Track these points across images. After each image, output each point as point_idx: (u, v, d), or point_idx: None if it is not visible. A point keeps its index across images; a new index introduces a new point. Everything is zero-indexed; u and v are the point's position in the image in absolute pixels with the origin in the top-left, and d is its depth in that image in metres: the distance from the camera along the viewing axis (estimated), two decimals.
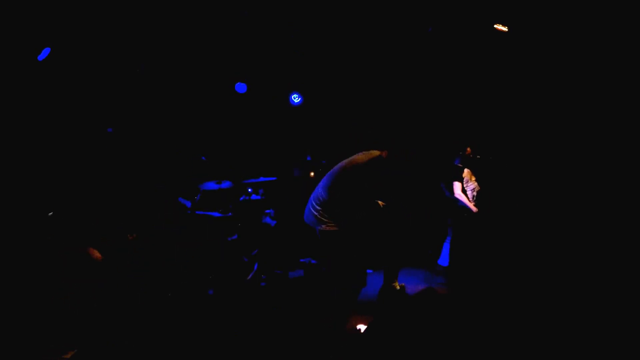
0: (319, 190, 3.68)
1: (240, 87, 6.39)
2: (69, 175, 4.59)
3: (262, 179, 5.29)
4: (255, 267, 5.03)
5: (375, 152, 3.67)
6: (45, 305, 3.19)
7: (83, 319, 3.27)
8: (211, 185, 4.95)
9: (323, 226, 3.51)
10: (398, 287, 4.45)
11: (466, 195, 5.24)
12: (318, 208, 3.58)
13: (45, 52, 4.51)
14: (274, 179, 5.33)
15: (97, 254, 3.12)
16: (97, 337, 3.25)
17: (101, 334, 3.28)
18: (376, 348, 3.33)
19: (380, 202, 4.02)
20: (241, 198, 5.31)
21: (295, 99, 6.72)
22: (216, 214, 4.84)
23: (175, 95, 5.92)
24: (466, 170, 5.35)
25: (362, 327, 3.66)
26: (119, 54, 5.23)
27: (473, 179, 5.37)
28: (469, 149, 5.39)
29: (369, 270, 5.52)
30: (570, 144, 5.96)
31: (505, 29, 5.38)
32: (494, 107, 6.51)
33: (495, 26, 5.39)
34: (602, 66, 5.55)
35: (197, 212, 4.78)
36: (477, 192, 5.33)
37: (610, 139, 5.64)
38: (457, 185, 5.22)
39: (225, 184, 5.01)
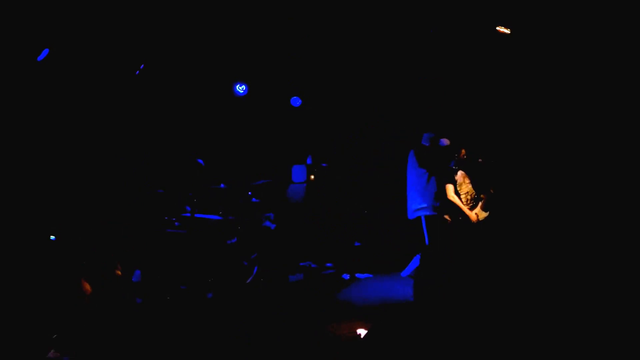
0: None
1: (242, 89, 6.34)
2: (68, 176, 4.57)
3: (262, 181, 5.26)
4: (255, 270, 4.99)
5: None
6: (46, 306, 3.17)
7: (83, 320, 3.25)
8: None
9: None
10: None
11: (460, 198, 5.12)
12: None
13: (44, 53, 4.50)
14: (275, 180, 5.30)
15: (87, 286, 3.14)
16: (96, 339, 3.22)
17: (101, 336, 3.25)
18: (376, 353, 3.30)
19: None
20: (240, 201, 5.27)
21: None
22: (216, 217, 4.81)
23: (175, 96, 5.89)
24: (460, 173, 5.23)
25: (362, 332, 3.62)
26: (119, 54, 5.20)
27: (467, 181, 5.25)
28: (463, 150, 5.26)
29: (368, 275, 5.48)
30: (570, 147, 5.92)
31: (507, 31, 5.33)
32: (494, 109, 6.47)
33: (497, 28, 5.35)
34: (603, 69, 5.51)
35: (196, 215, 4.75)
36: (472, 196, 5.19)
37: (611, 141, 5.60)
38: (449, 188, 5.08)
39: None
